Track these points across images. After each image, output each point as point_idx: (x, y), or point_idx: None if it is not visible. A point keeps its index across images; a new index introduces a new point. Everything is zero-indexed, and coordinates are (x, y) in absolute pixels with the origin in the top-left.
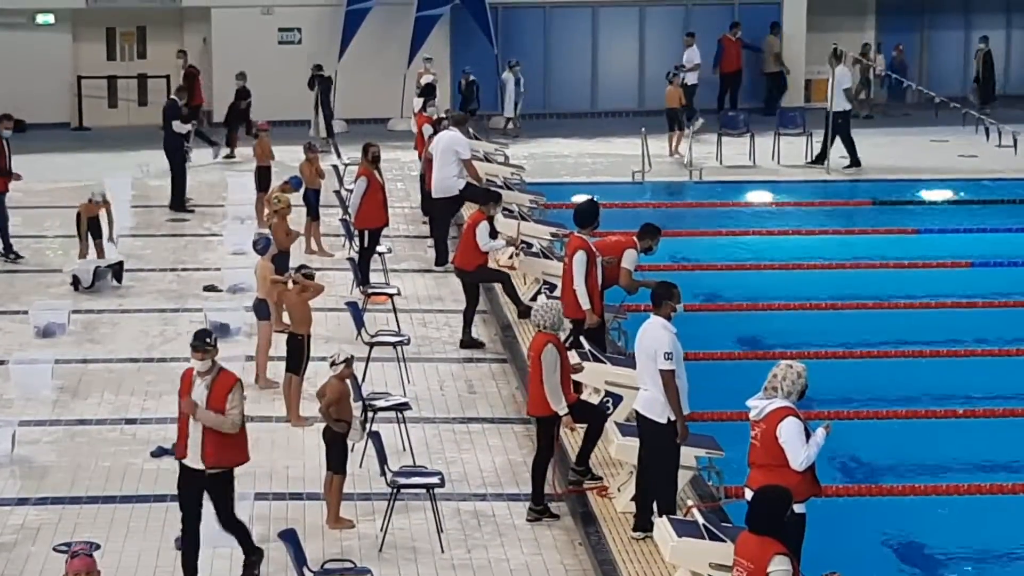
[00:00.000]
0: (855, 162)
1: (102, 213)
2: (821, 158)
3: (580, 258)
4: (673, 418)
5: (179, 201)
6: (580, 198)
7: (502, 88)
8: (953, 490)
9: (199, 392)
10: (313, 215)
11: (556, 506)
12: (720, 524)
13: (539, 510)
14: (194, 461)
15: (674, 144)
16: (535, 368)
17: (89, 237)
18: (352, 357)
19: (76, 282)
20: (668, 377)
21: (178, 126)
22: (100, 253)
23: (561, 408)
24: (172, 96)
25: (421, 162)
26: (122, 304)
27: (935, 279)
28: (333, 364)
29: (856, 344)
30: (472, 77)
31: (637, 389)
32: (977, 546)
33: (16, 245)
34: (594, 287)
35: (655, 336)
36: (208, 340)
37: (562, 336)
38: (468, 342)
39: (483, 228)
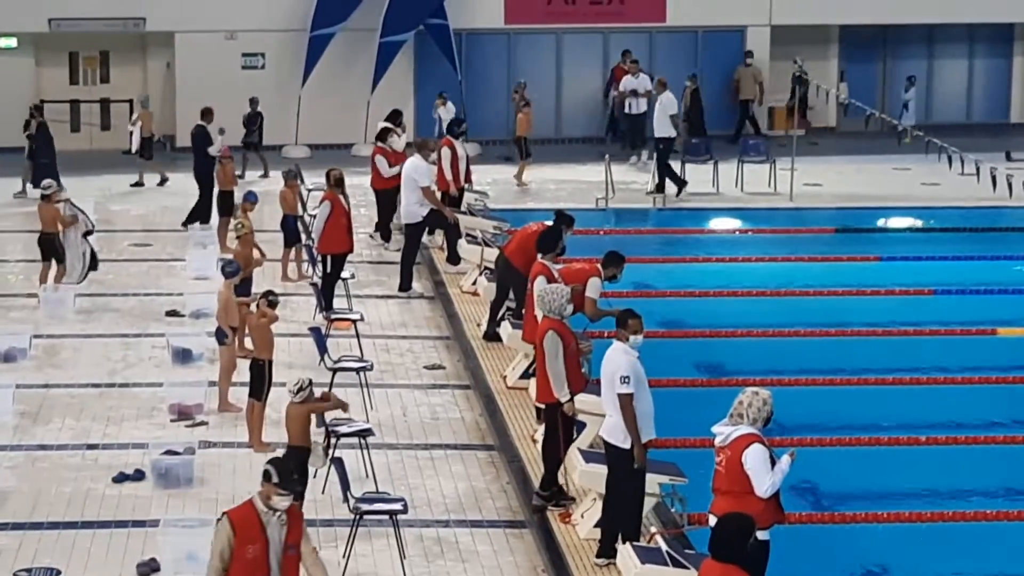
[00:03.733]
0: (662, 187)
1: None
2: (661, 187)
3: (541, 283)
4: None
5: (205, 215)
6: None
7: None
8: (916, 517)
9: (276, 531)
10: (293, 241)
11: (518, 532)
12: (683, 551)
13: (545, 496)
14: None
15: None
16: (539, 354)
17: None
18: (311, 381)
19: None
20: (625, 401)
21: (213, 151)
22: (59, 276)
23: (563, 395)
24: (200, 123)
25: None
26: (84, 329)
27: (898, 307)
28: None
29: (820, 372)
30: (259, 108)
31: (602, 416)
32: (941, 573)
33: None
34: None
35: (615, 361)
36: (297, 478)
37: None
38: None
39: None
